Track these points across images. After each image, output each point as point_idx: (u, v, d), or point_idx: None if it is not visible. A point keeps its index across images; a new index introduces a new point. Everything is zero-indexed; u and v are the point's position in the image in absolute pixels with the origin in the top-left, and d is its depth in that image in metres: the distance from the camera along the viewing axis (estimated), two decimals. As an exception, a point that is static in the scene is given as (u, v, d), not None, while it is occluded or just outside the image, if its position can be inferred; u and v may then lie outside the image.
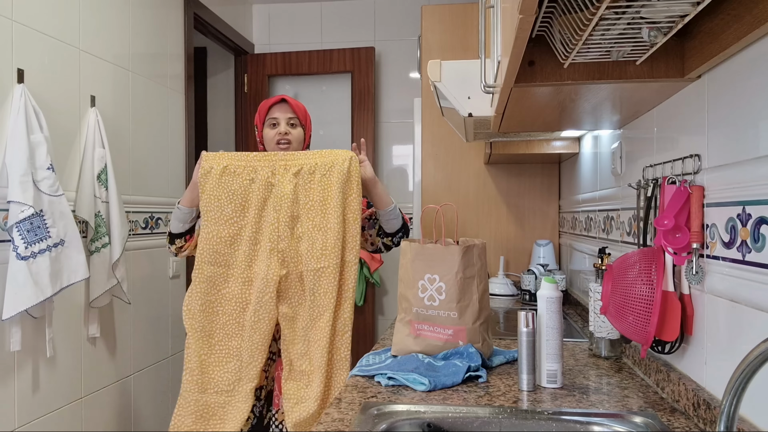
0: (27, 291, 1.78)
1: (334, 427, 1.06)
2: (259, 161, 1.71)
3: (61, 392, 2.07)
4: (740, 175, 0.94)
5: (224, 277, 1.72)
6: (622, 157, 1.67)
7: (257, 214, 1.70)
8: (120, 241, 2.22)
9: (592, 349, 1.57)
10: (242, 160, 1.71)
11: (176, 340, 2.92)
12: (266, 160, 1.71)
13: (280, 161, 1.72)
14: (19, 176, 1.78)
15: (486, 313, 1.47)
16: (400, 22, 3.76)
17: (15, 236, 1.77)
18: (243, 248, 1.70)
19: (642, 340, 1.14)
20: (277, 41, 3.89)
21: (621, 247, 1.67)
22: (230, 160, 1.71)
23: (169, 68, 2.84)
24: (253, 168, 1.71)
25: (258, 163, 1.71)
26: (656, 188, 1.27)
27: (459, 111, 1.68)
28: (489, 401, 1.18)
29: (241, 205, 1.70)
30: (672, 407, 1.14)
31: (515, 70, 1.06)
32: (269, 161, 1.71)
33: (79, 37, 2.19)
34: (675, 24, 0.90)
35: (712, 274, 1.05)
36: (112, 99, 2.39)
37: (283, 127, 1.80)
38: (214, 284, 1.72)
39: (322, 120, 3.83)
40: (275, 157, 1.72)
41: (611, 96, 1.26)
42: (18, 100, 1.83)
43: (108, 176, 2.21)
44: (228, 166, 1.70)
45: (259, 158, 1.72)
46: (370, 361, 1.46)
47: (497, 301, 2.51)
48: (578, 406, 1.15)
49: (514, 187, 3.02)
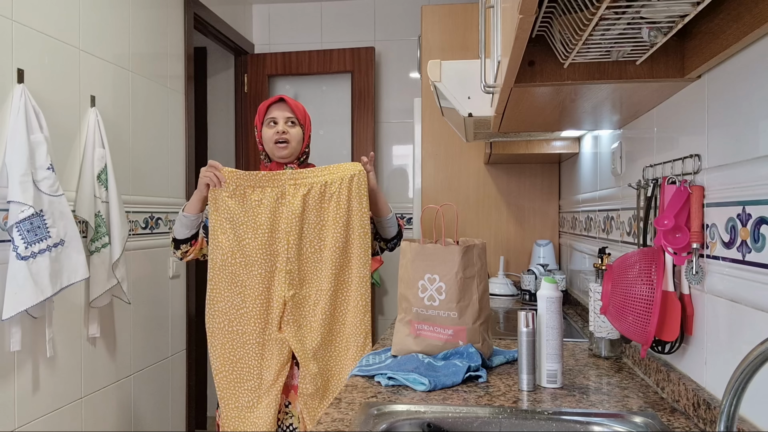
0: (27, 291, 1.78)
1: (334, 427, 1.06)
2: (268, 181, 1.72)
3: (61, 392, 2.07)
4: (740, 175, 0.94)
5: (242, 297, 1.74)
6: (622, 157, 1.67)
7: (269, 235, 1.72)
8: (120, 241, 2.22)
9: (592, 349, 1.57)
10: (251, 180, 1.71)
11: (176, 340, 2.92)
12: (275, 180, 1.72)
13: (289, 180, 1.72)
14: (19, 176, 1.77)
15: (486, 313, 1.47)
16: (400, 22, 3.76)
17: (15, 236, 1.77)
18: (257, 270, 1.72)
19: (642, 340, 1.14)
20: (277, 41, 3.89)
21: (621, 247, 1.67)
22: (239, 180, 1.71)
23: (169, 68, 2.84)
24: (261, 189, 1.71)
25: (267, 183, 1.72)
26: (656, 188, 1.27)
27: (459, 111, 1.68)
28: (489, 401, 1.18)
29: (251, 227, 1.71)
30: (672, 407, 1.14)
31: (515, 70, 1.06)
32: (278, 181, 1.72)
33: (79, 37, 2.19)
34: (675, 24, 0.90)
35: (712, 274, 1.04)
36: (112, 99, 2.39)
37: (282, 126, 1.80)
38: (232, 304, 1.74)
39: (322, 120, 3.83)
40: (283, 176, 1.72)
41: (611, 96, 1.26)
42: (18, 100, 1.83)
43: (108, 176, 2.21)
44: (237, 188, 1.70)
45: (267, 178, 1.72)
46: (370, 361, 1.46)
47: (497, 301, 2.51)
48: (578, 406, 1.15)
49: (514, 187, 3.02)
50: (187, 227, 1.78)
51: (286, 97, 1.84)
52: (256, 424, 1.72)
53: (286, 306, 1.72)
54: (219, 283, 1.73)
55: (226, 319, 1.74)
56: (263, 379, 1.74)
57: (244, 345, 1.74)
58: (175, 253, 1.83)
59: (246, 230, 1.71)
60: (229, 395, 1.75)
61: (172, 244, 1.83)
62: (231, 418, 1.75)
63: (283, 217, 1.72)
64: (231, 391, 1.75)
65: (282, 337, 1.72)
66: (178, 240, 1.81)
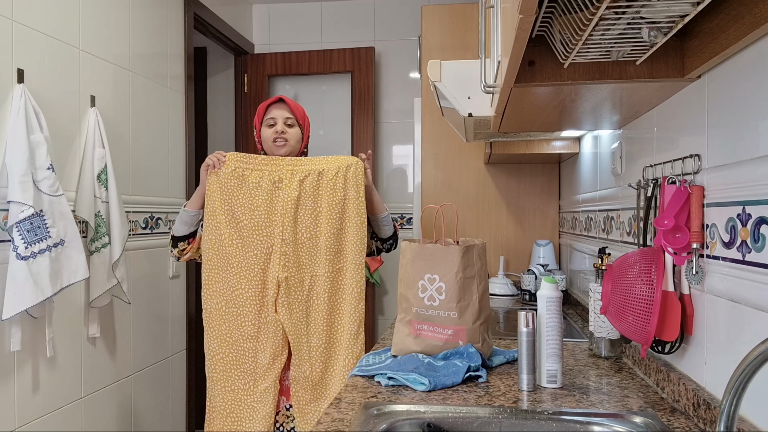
0: (27, 291, 1.78)
1: (334, 427, 1.06)
2: (266, 165, 1.74)
3: (61, 392, 2.07)
4: (740, 175, 0.94)
5: (237, 278, 1.74)
6: (622, 157, 1.67)
7: (266, 217, 1.73)
8: (120, 241, 2.22)
9: (592, 349, 1.57)
10: (250, 162, 1.73)
11: (176, 340, 2.92)
12: (274, 165, 1.74)
13: (287, 166, 1.74)
14: (19, 176, 1.78)
15: (486, 313, 1.47)
16: (400, 22, 3.76)
17: (15, 236, 1.77)
18: (252, 251, 1.73)
19: (642, 340, 1.14)
20: (277, 41, 3.89)
21: (621, 247, 1.67)
22: (239, 162, 1.73)
23: (169, 68, 2.84)
24: (260, 172, 1.73)
25: (266, 167, 1.74)
26: (656, 188, 1.27)
27: (459, 111, 1.68)
28: (489, 401, 1.18)
29: (248, 208, 1.73)
30: (672, 407, 1.14)
31: (515, 70, 1.06)
32: (277, 166, 1.74)
33: (79, 37, 2.19)
34: (675, 24, 0.90)
35: (712, 274, 1.04)
36: (112, 99, 2.39)
37: (280, 126, 1.81)
38: (228, 285, 1.75)
39: (322, 120, 3.83)
40: (282, 161, 1.74)
41: (611, 96, 1.26)
42: (18, 100, 1.83)
43: (108, 176, 2.21)
44: (236, 169, 1.72)
45: (266, 162, 1.74)
46: (370, 361, 1.46)
47: (497, 301, 2.51)
48: (578, 406, 1.15)
49: (514, 187, 3.02)
50: (186, 224, 1.79)
51: (285, 97, 1.85)
52: (255, 408, 1.72)
53: (280, 288, 1.72)
54: (215, 264, 1.75)
55: (222, 300, 1.75)
56: (258, 362, 1.74)
57: (239, 326, 1.75)
58: (173, 251, 1.84)
59: (243, 211, 1.74)
60: (225, 378, 1.75)
61: (170, 243, 1.85)
62: (226, 401, 1.74)
63: (279, 200, 1.74)
64: (226, 373, 1.75)
65: (277, 319, 1.73)
66: (177, 237, 1.83)
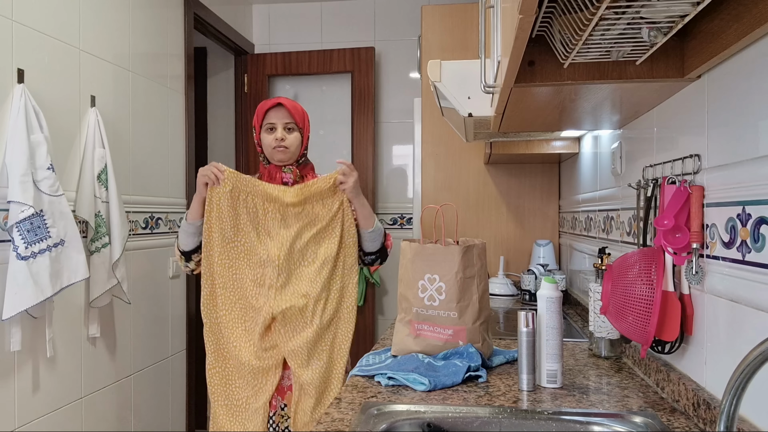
0: (27, 291, 1.78)
1: (334, 427, 1.06)
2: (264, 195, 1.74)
3: (61, 392, 2.07)
4: (740, 175, 0.94)
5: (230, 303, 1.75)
6: (622, 157, 1.67)
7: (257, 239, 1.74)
8: (120, 241, 2.22)
9: (592, 349, 1.57)
10: (247, 185, 1.73)
11: (176, 340, 2.92)
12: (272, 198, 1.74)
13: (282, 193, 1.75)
14: (19, 176, 1.78)
15: (486, 313, 1.47)
16: (400, 22, 3.76)
17: (15, 236, 1.77)
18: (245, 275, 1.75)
19: (642, 340, 1.14)
20: (277, 41, 3.89)
21: (621, 247, 1.67)
22: (236, 182, 1.73)
23: (169, 68, 2.84)
24: (254, 197, 1.74)
25: (264, 197, 1.74)
26: (656, 188, 1.27)
27: (459, 111, 1.68)
28: (489, 401, 1.18)
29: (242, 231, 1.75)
30: (672, 407, 1.14)
31: (515, 70, 1.06)
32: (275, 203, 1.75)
33: (79, 37, 2.19)
34: (675, 24, 0.90)
35: (712, 274, 1.05)
36: (112, 99, 2.39)
37: (280, 133, 1.80)
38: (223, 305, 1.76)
39: (322, 120, 3.83)
40: (277, 189, 1.75)
41: (611, 96, 1.26)
42: (18, 100, 1.83)
43: (108, 176, 2.21)
44: (233, 189, 1.72)
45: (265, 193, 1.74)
46: (370, 361, 1.46)
47: (497, 301, 2.51)
48: (578, 406, 1.15)
49: (514, 187, 3.02)
50: (192, 235, 1.76)
51: (284, 100, 1.83)
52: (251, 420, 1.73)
53: (275, 320, 1.73)
54: (208, 281, 1.75)
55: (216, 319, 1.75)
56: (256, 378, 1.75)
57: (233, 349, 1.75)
58: (188, 266, 1.80)
59: (236, 232, 1.74)
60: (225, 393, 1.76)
61: (182, 260, 1.80)
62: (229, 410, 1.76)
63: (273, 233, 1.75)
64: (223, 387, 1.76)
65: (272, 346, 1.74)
66: (187, 252, 1.79)
